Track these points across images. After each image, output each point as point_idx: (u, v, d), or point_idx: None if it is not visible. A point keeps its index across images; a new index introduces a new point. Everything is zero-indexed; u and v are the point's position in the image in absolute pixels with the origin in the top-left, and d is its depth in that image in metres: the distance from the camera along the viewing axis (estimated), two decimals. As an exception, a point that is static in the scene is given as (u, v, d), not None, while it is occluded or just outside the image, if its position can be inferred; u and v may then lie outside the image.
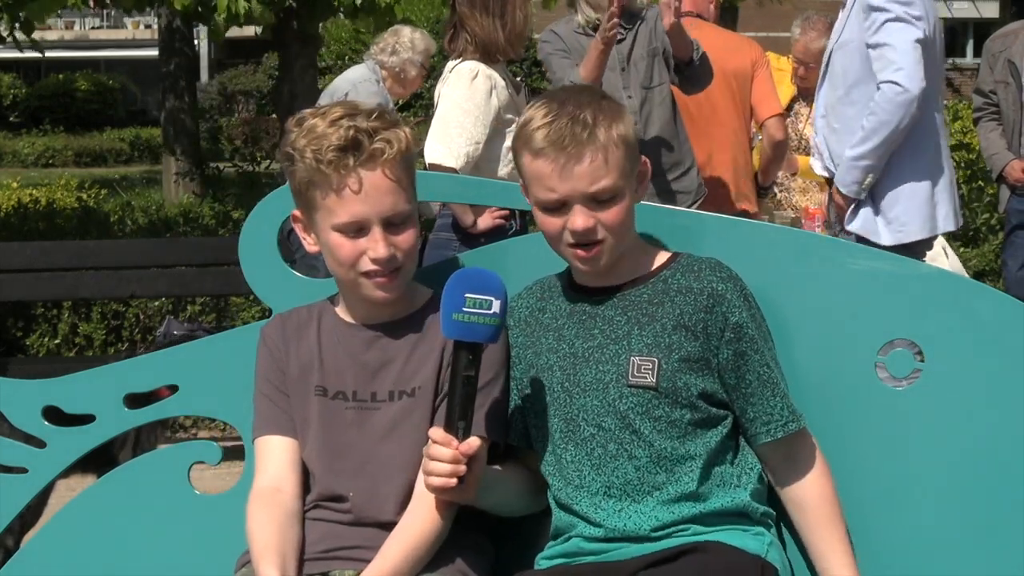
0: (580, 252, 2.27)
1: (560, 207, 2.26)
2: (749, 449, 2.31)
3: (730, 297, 2.26)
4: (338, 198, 2.26)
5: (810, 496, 2.29)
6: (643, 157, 2.33)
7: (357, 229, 2.27)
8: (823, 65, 4.40)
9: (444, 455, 2.16)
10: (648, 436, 2.24)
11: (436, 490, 2.20)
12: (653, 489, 2.24)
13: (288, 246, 5.46)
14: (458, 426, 2.17)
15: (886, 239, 4.11)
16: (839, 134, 4.28)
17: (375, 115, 2.30)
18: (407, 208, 2.29)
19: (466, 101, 4.45)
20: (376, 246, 2.26)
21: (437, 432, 2.18)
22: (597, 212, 2.24)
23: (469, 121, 4.42)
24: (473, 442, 2.17)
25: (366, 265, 2.28)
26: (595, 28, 4.73)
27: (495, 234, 4.38)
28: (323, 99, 6.31)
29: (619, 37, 4.74)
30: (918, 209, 4.21)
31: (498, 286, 2.19)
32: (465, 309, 2.16)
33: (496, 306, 2.17)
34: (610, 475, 2.25)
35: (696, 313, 2.26)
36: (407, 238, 2.30)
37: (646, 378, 2.24)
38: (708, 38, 5.35)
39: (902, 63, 4.04)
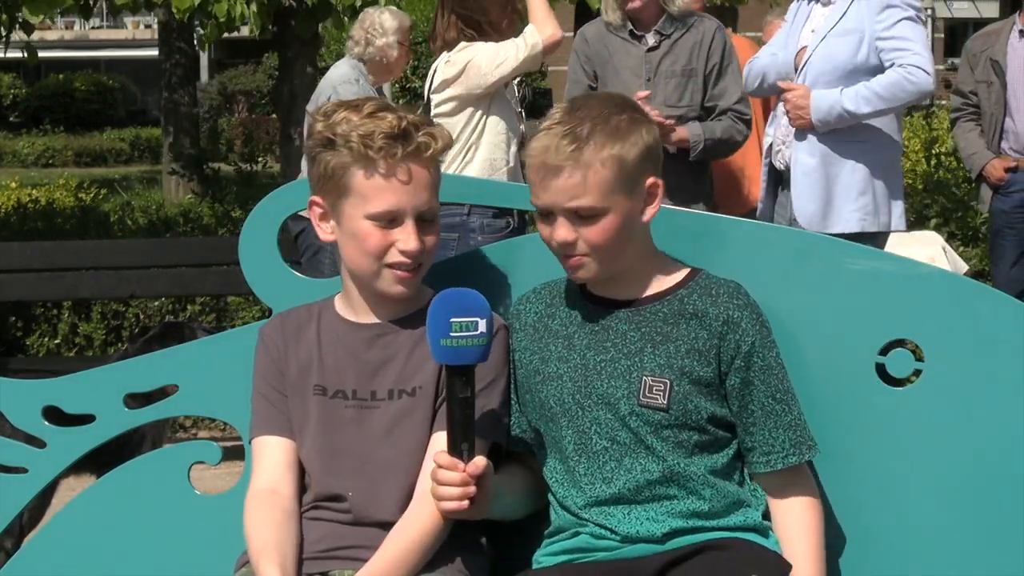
0: (566, 261, 2.28)
1: (548, 215, 2.26)
2: None
3: (744, 325, 2.25)
4: (380, 186, 2.26)
5: (795, 528, 2.26)
6: (653, 178, 2.26)
7: (391, 219, 2.27)
8: (807, 52, 4.42)
9: (453, 479, 2.15)
10: (660, 452, 2.24)
11: (449, 513, 2.19)
12: (664, 499, 2.24)
13: (296, 248, 5.45)
14: (462, 448, 2.15)
15: (847, 227, 4.26)
16: None
17: (417, 111, 2.34)
18: (433, 208, 2.31)
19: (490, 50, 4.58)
20: (408, 238, 2.27)
21: (442, 457, 2.16)
22: (580, 227, 2.23)
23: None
24: (480, 462, 2.15)
25: (393, 256, 2.28)
26: (622, 27, 4.70)
27: (493, 232, 4.41)
28: (310, 103, 6.22)
29: (651, 44, 4.68)
30: (883, 203, 4.36)
31: (481, 305, 2.18)
32: (452, 334, 2.14)
33: (482, 325, 2.15)
34: (621, 486, 2.25)
35: (711, 339, 2.25)
36: (432, 238, 2.31)
37: (657, 399, 2.23)
38: None
39: (927, 57, 4.28)
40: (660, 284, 2.32)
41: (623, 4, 4.66)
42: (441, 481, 2.16)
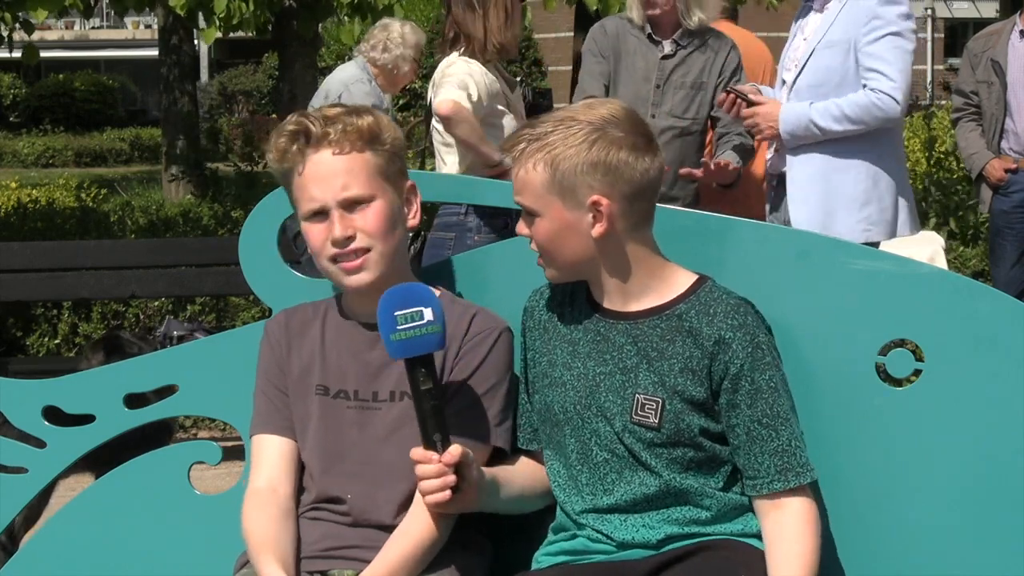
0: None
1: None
2: None
3: (735, 347, 2.21)
4: (298, 185, 2.31)
5: (785, 534, 2.20)
6: (597, 196, 2.20)
7: (320, 215, 2.29)
8: (796, 65, 4.38)
9: (429, 471, 2.16)
10: (656, 468, 2.23)
11: (435, 506, 2.19)
12: (662, 507, 2.25)
13: (294, 248, 5.46)
14: (434, 440, 2.16)
15: (852, 238, 4.08)
16: None
17: (336, 107, 2.34)
18: (364, 191, 2.28)
19: (460, 74, 4.53)
20: (333, 227, 2.28)
21: (416, 451, 2.18)
22: (530, 224, 2.27)
23: (457, 82, 4.50)
24: (454, 451, 2.16)
25: (330, 251, 2.29)
26: (641, 29, 4.68)
27: (491, 232, 4.41)
28: (316, 101, 6.22)
29: (667, 52, 4.67)
30: (886, 211, 4.27)
31: (424, 293, 2.18)
32: (399, 328, 2.16)
33: (428, 314, 2.16)
34: (619, 497, 2.25)
35: (703, 359, 2.22)
36: (370, 218, 2.29)
37: (648, 418, 2.22)
38: (753, 43, 5.35)
39: (901, 83, 4.15)
40: (660, 297, 2.28)
41: (644, 7, 4.65)
42: (419, 475, 2.17)
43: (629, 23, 4.71)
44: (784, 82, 4.42)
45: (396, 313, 2.16)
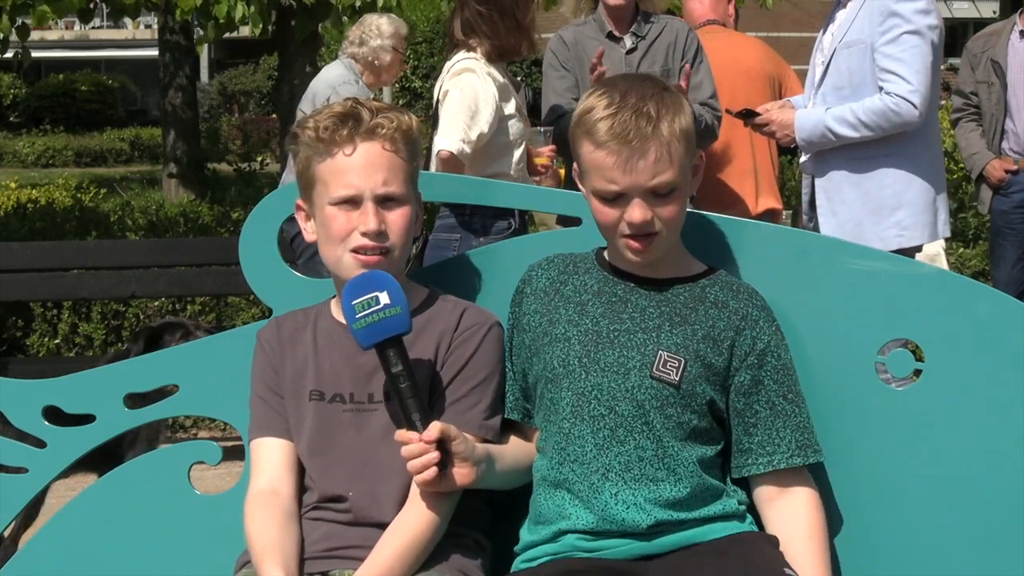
0: (634, 243, 2.27)
1: (618, 198, 2.25)
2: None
3: (762, 324, 2.28)
4: (334, 168, 2.29)
5: (799, 529, 2.25)
6: (698, 151, 2.31)
7: (351, 203, 2.29)
8: (821, 63, 4.34)
9: (411, 451, 2.17)
10: (658, 431, 2.24)
11: (425, 484, 2.20)
12: (651, 481, 2.24)
13: (291, 251, 5.45)
14: (413, 419, 2.19)
15: (885, 245, 4.00)
16: None
17: (379, 101, 2.37)
18: (401, 191, 2.30)
19: (462, 99, 4.45)
20: (367, 219, 2.27)
21: (399, 433, 2.20)
22: (655, 206, 2.25)
23: (464, 115, 4.41)
24: (433, 428, 2.17)
25: (355, 240, 2.29)
26: (600, 29, 4.67)
27: (494, 233, 4.39)
28: (304, 103, 6.18)
29: (630, 46, 4.69)
30: (921, 214, 4.13)
31: (380, 280, 2.21)
32: (358, 316, 2.19)
33: (385, 297, 2.19)
34: (613, 458, 2.25)
35: (727, 330, 2.26)
36: (398, 220, 2.30)
37: (670, 374, 2.24)
38: (739, 45, 5.35)
39: (918, 84, 3.98)
40: (684, 270, 2.35)
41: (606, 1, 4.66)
42: (404, 456, 2.18)
43: (584, 27, 4.72)
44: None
45: (353, 302, 2.19)
